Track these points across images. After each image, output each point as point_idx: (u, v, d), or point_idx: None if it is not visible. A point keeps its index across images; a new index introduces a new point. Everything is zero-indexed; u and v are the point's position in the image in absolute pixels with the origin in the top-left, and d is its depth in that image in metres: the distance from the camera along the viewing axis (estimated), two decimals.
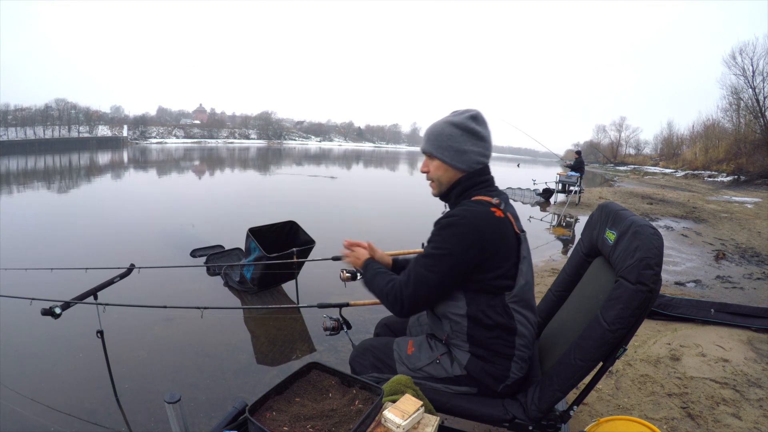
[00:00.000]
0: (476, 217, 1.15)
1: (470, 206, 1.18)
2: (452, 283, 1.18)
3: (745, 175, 23.31)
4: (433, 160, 1.27)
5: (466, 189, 1.25)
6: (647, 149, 55.14)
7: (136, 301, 3.28)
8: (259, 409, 1.00)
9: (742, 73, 26.77)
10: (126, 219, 6.64)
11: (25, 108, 51.93)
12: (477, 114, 1.25)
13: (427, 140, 1.27)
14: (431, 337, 1.34)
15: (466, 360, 1.23)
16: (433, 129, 1.27)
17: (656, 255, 1.02)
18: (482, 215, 1.16)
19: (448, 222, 1.16)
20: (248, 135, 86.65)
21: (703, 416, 1.97)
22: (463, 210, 1.17)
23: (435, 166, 1.27)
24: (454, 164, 1.24)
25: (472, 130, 1.23)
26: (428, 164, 1.29)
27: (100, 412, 2.08)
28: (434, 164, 1.27)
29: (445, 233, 1.16)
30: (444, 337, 1.27)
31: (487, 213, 1.17)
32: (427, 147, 1.27)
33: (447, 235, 1.15)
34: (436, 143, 1.25)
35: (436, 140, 1.24)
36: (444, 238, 1.15)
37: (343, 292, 3.69)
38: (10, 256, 4.47)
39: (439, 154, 1.24)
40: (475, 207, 1.18)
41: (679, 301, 3.33)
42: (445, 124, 1.24)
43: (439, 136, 1.24)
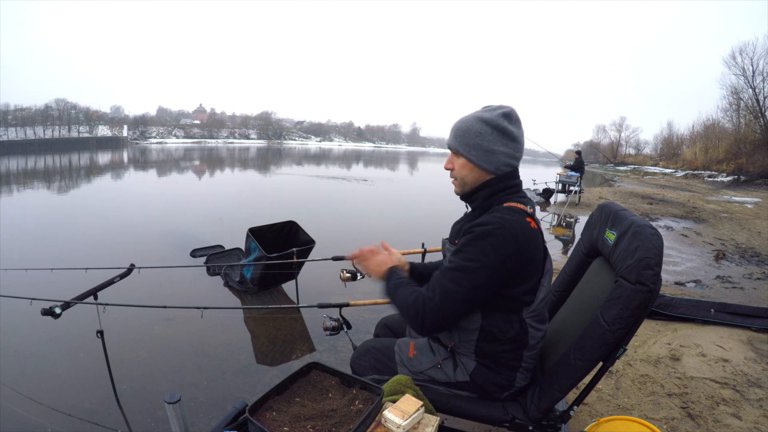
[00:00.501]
0: (515, 227, 1.06)
1: (506, 214, 1.08)
2: (481, 298, 1.09)
3: (745, 175, 23.31)
4: (459, 157, 1.18)
5: (494, 193, 1.16)
6: (647, 149, 55.18)
7: (136, 301, 3.28)
8: (259, 409, 1.00)
9: (742, 73, 26.80)
10: (126, 219, 6.64)
11: (25, 108, 51.95)
12: (511, 111, 1.15)
13: (455, 136, 1.18)
14: (434, 340, 1.31)
15: (471, 368, 1.20)
16: (461, 124, 1.17)
17: (656, 255, 1.02)
18: (520, 226, 1.07)
19: (484, 231, 1.05)
20: (248, 135, 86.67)
21: (703, 416, 1.97)
22: (499, 218, 1.07)
23: (460, 165, 1.18)
24: (481, 164, 1.14)
25: (503, 128, 1.13)
26: (453, 161, 1.21)
27: (100, 413, 2.08)
28: (459, 162, 1.18)
29: (479, 244, 1.05)
30: (450, 344, 1.24)
31: (524, 224, 1.08)
32: (454, 143, 1.18)
33: (482, 246, 1.04)
34: (463, 140, 1.15)
35: (463, 137, 1.15)
36: (479, 249, 1.04)
37: (344, 292, 3.69)
38: (11, 257, 4.47)
39: (466, 152, 1.15)
40: (511, 216, 1.08)
41: (679, 301, 3.33)
42: (475, 120, 1.14)
43: (468, 132, 1.14)
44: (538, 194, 11.45)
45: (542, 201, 11.07)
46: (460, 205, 1.29)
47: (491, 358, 1.18)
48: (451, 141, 1.19)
